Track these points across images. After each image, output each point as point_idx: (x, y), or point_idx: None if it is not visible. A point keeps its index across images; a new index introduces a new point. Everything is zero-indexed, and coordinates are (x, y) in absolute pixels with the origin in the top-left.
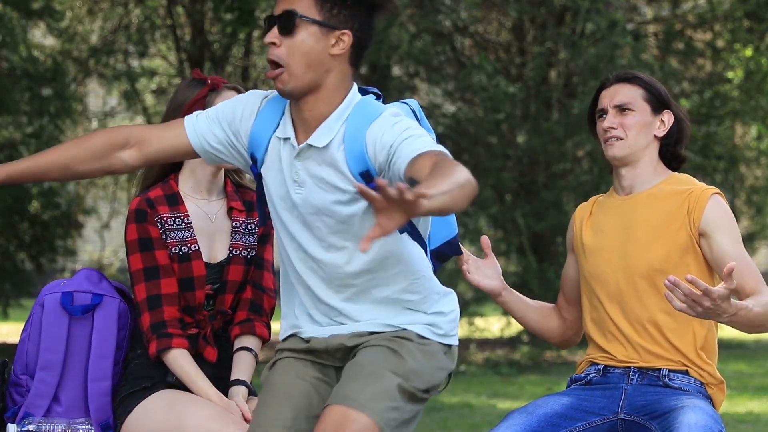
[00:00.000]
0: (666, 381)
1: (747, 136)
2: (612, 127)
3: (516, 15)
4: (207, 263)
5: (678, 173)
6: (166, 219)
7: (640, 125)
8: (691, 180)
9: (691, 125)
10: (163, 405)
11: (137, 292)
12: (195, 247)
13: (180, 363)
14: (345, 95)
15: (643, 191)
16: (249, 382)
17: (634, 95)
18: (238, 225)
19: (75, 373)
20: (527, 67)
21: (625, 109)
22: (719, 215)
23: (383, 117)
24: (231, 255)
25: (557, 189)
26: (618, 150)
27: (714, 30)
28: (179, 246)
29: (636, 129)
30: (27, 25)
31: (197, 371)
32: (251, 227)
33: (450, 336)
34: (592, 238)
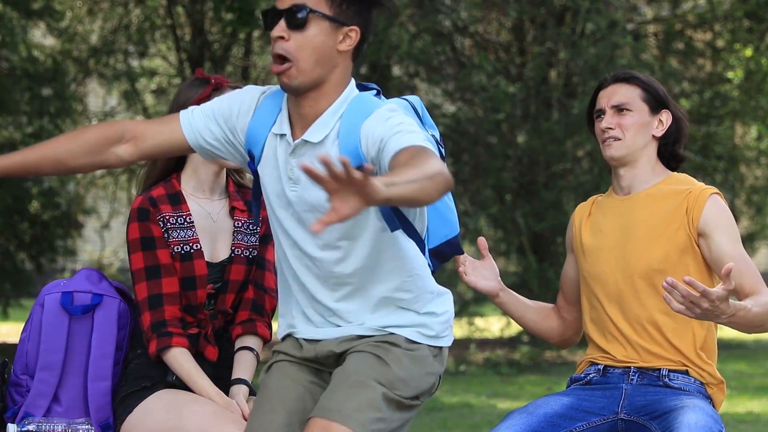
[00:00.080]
0: (666, 381)
1: (747, 136)
2: (610, 128)
3: (516, 15)
4: (209, 262)
5: (677, 173)
6: (168, 218)
7: (637, 125)
8: (690, 180)
9: (691, 125)
10: (163, 405)
11: (138, 291)
12: (197, 247)
13: (180, 362)
14: (343, 91)
15: (642, 191)
16: (250, 381)
17: (631, 95)
18: (240, 225)
19: (75, 373)
20: (527, 67)
21: (623, 110)
22: (718, 215)
23: (378, 112)
24: (233, 255)
25: (557, 189)
26: (616, 150)
27: (714, 30)
28: (181, 245)
29: (634, 129)
30: (27, 25)
31: (197, 370)
32: (253, 227)
33: (441, 337)
34: (591, 238)
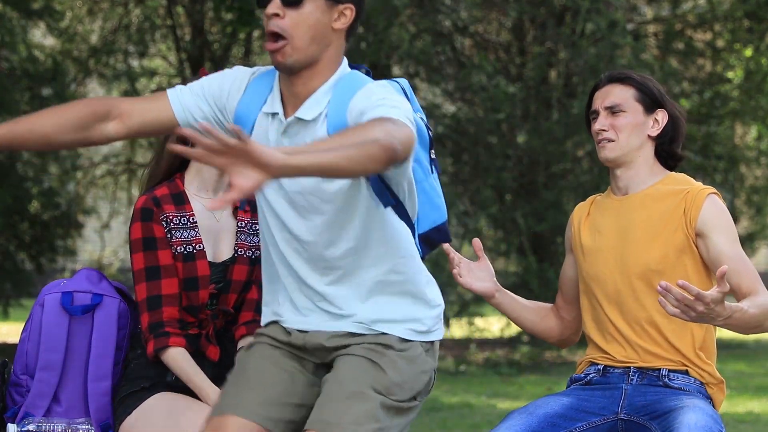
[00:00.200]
0: (666, 381)
1: (747, 136)
2: (603, 129)
3: (516, 15)
4: (211, 262)
5: (675, 173)
6: (171, 218)
7: (631, 126)
8: (688, 180)
9: (691, 125)
10: (161, 409)
11: (138, 291)
12: (200, 247)
13: (178, 361)
14: (336, 69)
15: (639, 192)
16: None
17: (625, 96)
18: (243, 225)
19: (75, 373)
20: (527, 67)
21: (617, 111)
22: (716, 215)
23: (367, 87)
24: (236, 255)
25: (557, 189)
26: (610, 152)
27: (714, 30)
28: (184, 245)
29: (627, 130)
30: (27, 25)
31: (196, 369)
32: (256, 227)
33: (432, 332)
34: (589, 238)
